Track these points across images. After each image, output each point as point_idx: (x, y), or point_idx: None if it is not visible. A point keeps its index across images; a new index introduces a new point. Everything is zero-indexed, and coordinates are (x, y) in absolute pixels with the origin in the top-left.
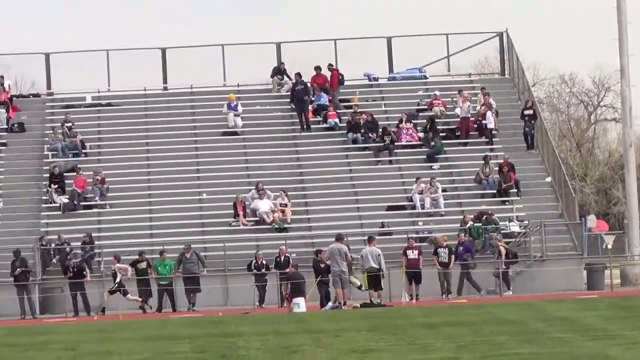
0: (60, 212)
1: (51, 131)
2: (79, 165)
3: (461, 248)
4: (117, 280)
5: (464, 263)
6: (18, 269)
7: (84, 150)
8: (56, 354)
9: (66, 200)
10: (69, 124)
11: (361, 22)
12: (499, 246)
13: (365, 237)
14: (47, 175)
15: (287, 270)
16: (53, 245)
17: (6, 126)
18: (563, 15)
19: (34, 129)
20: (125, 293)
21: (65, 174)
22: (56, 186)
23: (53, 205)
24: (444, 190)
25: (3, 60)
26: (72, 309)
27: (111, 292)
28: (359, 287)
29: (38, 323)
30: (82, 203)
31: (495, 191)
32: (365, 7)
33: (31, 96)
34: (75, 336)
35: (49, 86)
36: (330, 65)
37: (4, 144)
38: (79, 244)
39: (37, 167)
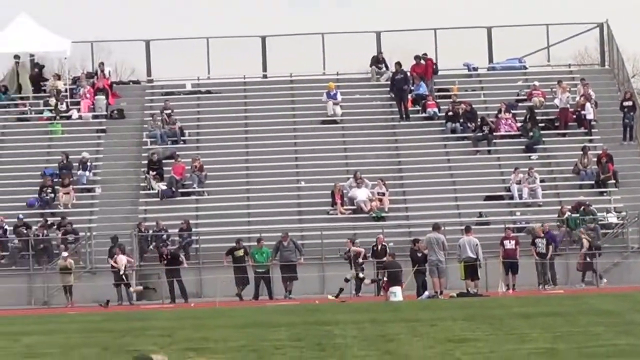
0: (158, 199)
1: (150, 118)
2: (177, 153)
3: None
4: (122, 273)
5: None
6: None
7: (182, 138)
8: (152, 340)
9: (164, 187)
10: (168, 111)
11: (461, 12)
12: (582, 238)
13: (462, 227)
14: (146, 162)
15: (384, 259)
16: (151, 232)
17: (106, 113)
18: None
19: (133, 116)
20: (127, 286)
21: (163, 161)
22: (154, 173)
23: (151, 192)
24: (541, 180)
25: (104, 47)
26: (169, 295)
27: (116, 285)
28: (347, 280)
29: (135, 309)
30: (180, 190)
31: (593, 182)
32: None
33: (131, 83)
34: (172, 323)
35: (149, 73)
36: (424, 54)
37: (103, 131)
38: (176, 231)
39: (135, 154)
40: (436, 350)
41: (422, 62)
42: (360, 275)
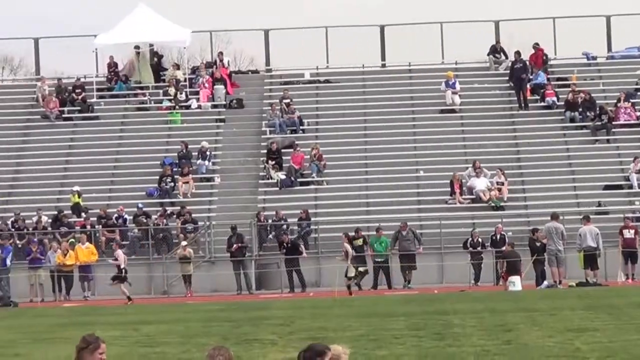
0: (277, 189)
1: (269, 107)
2: (296, 142)
3: None
4: (122, 267)
5: None
6: (235, 245)
7: (301, 127)
8: (271, 329)
9: (283, 177)
10: (287, 101)
11: (580, 0)
12: None
13: (581, 217)
14: (265, 151)
15: (503, 248)
16: (270, 221)
17: (225, 102)
18: None
19: (252, 105)
20: (123, 280)
21: (282, 150)
22: (273, 162)
23: (270, 181)
24: None
25: (223, 36)
26: (288, 284)
27: (114, 279)
28: (356, 276)
29: (254, 299)
30: (299, 179)
31: None
32: None
33: (250, 72)
34: (290, 312)
35: (267, 62)
36: (536, 44)
37: (222, 120)
38: (295, 220)
39: (254, 143)
40: (555, 339)
41: (533, 50)
42: (361, 269)
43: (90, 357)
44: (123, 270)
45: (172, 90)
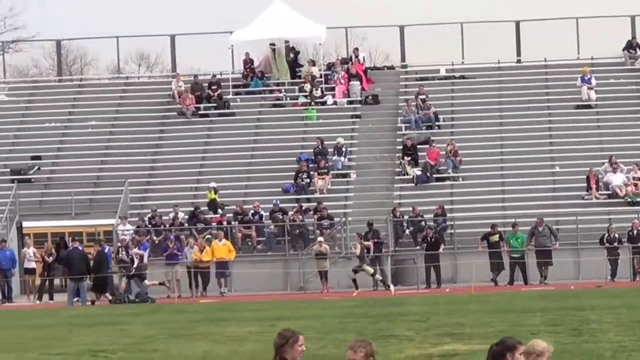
0: (412, 184)
1: (405, 103)
2: (432, 138)
3: None
4: (135, 265)
5: None
6: (370, 241)
7: (437, 123)
8: (407, 325)
9: (419, 172)
10: (423, 96)
11: None
12: None
13: None
14: (400, 147)
15: None
16: (406, 217)
17: (360, 98)
18: None
19: (388, 101)
20: (142, 278)
21: (418, 146)
22: (409, 158)
23: (406, 177)
24: None
25: (358, 33)
26: (424, 280)
27: (129, 277)
28: (372, 275)
29: (390, 294)
30: (434, 175)
31: None
32: None
33: (385, 68)
34: (427, 308)
35: (403, 58)
36: None
37: (357, 116)
38: (431, 216)
39: (390, 139)
40: None
41: None
42: (370, 270)
43: (291, 351)
44: (135, 269)
45: (307, 87)
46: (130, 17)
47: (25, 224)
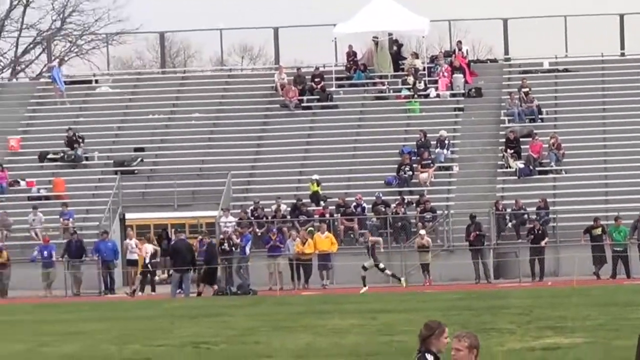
0: (515, 177)
1: (508, 96)
2: (534, 131)
3: None
4: (147, 262)
5: None
6: (472, 234)
7: (540, 116)
8: (509, 318)
9: (522, 165)
10: (526, 90)
11: None
12: None
13: None
14: (503, 140)
15: None
16: (508, 210)
17: (463, 91)
18: None
19: (491, 94)
20: (153, 275)
21: (521, 139)
22: (512, 151)
23: (508, 170)
24: None
25: (461, 26)
26: (527, 273)
27: (142, 274)
28: (382, 270)
29: (492, 288)
30: (537, 168)
31: None
32: None
33: (488, 61)
34: (529, 301)
35: (506, 51)
36: None
37: (461, 109)
38: (533, 209)
39: (493, 132)
40: None
41: None
42: (380, 265)
43: (436, 343)
44: (149, 265)
45: (410, 79)
46: (234, 9)
47: (128, 215)
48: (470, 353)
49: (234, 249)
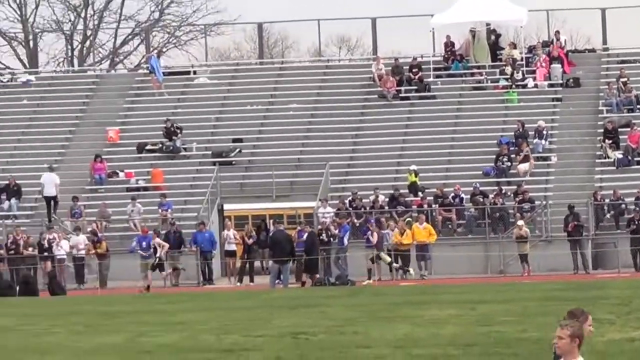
0: (613, 168)
1: (606, 86)
2: (633, 121)
3: None
4: (158, 255)
5: None
6: (571, 224)
7: (638, 106)
8: (608, 309)
9: (620, 156)
10: (624, 79)
11: None
12: None
13: None
14: (601, 130)
15: None
16: (607, 200)
17: (561, 81)
18: None
19: (589, 84)
20: (162, 269)
21: (619, 129)
22: (610, 141)
23: (607, 160)
24: None
25: (559, 15)
26: (627, 264)
27: (152, 268)
28: (389, 264)
29: (590, 278)
30: (635, 159)
31: None
32: None
33: (586, 51)
34: (628, 292)
35: (604, 41)
36: None
37: (559, 99)
38: (632, 199)
39: (591, 122)
40: None
41: None
42: (388, 258)
43: None
44: (157, 259)
45: (508, 70)
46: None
47: (226, 206)
48: (572, 342)
49: (332, 239)
